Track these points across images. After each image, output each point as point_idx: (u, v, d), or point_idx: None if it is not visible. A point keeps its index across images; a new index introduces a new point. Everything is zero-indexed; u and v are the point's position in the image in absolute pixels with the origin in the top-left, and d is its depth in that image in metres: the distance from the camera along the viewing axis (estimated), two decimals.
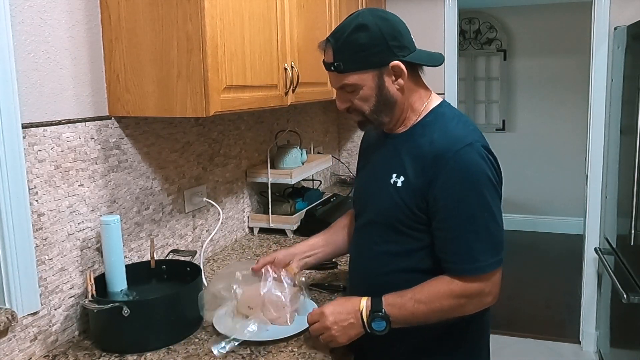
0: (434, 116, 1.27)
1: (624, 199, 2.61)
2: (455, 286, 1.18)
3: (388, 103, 1.24)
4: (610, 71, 2.93)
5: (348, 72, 1.22)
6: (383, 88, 1.22)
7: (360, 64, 1.20)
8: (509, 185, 6.26)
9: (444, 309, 1.19)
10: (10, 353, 1.25)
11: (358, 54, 1.20)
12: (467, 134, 1.21)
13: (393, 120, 1.28)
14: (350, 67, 1.21)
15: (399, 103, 1.25)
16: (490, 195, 1.18)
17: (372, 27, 1.18)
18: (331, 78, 1.27)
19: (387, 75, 1.22)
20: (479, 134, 1.23)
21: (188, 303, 1.40)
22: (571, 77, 5.20)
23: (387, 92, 1.23)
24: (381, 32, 1.19)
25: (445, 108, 1.30)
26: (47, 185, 1.33)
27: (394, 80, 1.23)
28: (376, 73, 1.21)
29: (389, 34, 1.20)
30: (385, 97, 1.23)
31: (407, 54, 1.22)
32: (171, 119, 1.77)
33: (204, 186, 1.98)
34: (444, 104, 1.31)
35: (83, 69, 1.43)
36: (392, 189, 1.24)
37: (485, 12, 5.48)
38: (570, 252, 4.57)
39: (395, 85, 1.23)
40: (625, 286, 2.38)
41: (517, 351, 3.21)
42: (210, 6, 1.37)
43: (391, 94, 1.24)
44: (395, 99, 1.25)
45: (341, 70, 1.22)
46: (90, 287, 1.35)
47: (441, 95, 2.88)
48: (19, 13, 1.24)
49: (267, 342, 1.32)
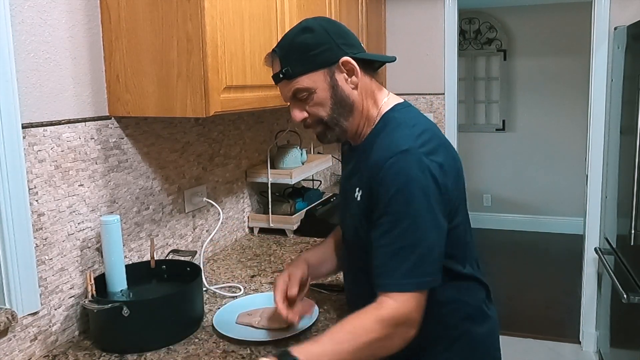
0: (383, 122, 1.21)
1: (624, 199, 2.61)
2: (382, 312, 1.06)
3: (345, 104, 1.18)
4: (610, 71, 2.93)
5: (298, 76, 1.16)
6: (337, 87, 1.17)
7: (309, 65, 1.15)
8: (509, 185, 6.26)
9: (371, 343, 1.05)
10: (10, 353, 1.25)
11: (305, 54, 1.15)
12: (406, 140, 1.12)
13: (353, 125, 1.22)
14: (300, 69, 1.16)
15: (356, 104, 1.20)
16: (421, 208, 1.08)
17: (316, 28, 1.16)
18: (282, 89, 1.21)
19: (339, 72, 1.17)
20: (425, 139, 1.13)
21: (188, 303, 1.40)
22: (571, 77, 5.20)
23: (342, 92, 1.17)
24: (326, 31, 1.16)
25: (397, 112, 1.22)
26: (47, 185, 1.33)
27: (347, 79, 1.18)
28: (327, 72, 1.16)
29: (335, 33, 1.17)
30: (340, 97, 1.18)
31: (357, 51, 1.18)
32: (171, 119, 1.77)
33: (204, 186, 1.98)
34: (396, 108, 1.23)
35: (83, 69, 1.43)
36: (355, 206, 1.19)
37: (485, 12, 5.48)
38: (570, 252, 4.57)
39: (350, 84, 1.18)
40: (625, 286, 2.38)
41: (517, 351, 3.21)
42: (210, 6, 1.37)
43: (346, 94, 1.18)
44: (352, 99, 1.19)
45: (290, 76, 1.16)
46: (90, 287, 1.35)
47: (441, 95, 2.86)
48: (19, 13, 1.24)
49: (267, 341, 1.33)
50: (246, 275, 1.84)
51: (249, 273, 1.86)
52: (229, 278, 1.81)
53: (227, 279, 1.80)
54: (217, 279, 1.80)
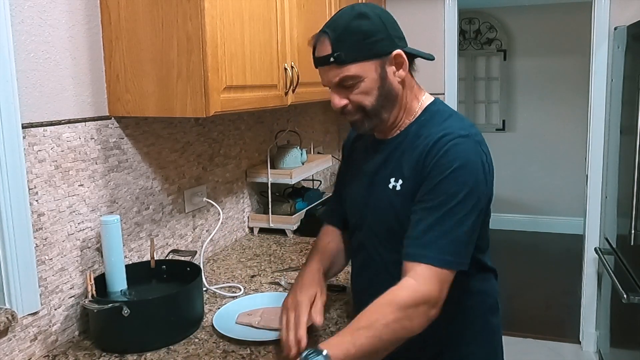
0: (429, 115, 1.23)
1: (624, 199, 2.61)
2: (402, 292, 1.06)
3: (390, 96, 1.19)
4: (610, 71, 2.93)
5: (349, 63, 1.13)
6: (386, 79, 1.17)
7: (363, 53, 1.13)
8: (509, 185, 6.24)
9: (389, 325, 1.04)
10: (10, 353, 1.25)
11: (361, 42, 1.13)
12: (463, 127, 1.16)
13: (391, 118, 1.23)
14: (353, 56, 1.13)
15: (399, 98, 1.21)
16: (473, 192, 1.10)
17: (372, 16, 1.14)
18: (327, 73, 1.18)
19: (389, 65, 1.17)
20: (476, 130, 1.19)
21: (188, 303, 1.40)
22: (571, 77, 5.20)
23: (390, 85, 1.17)
24: (382, 21, 1.15)
25: (440, 105, 1.26)
26: (47, 185, 1.33)
27: (395, 72, 1.18)
28: (379, 63, 1.15)
29: (390, 23, 1.17)
30: (388, 89, 1.17)
31: (405, 45, 1.20)
32: (171, 119, 1.77)
33: (204, 186, 1.98)
34: (437, 102, 1.27)
35: (83, 69, 1.43)
36: (391, 195, 1.19)
37: (485, 12, 5.48)
38: (570, 252, 4.57)
39: (397, 77, 1.19)
40: (625, 286, 2.38)
41: (517, 351, 3.21)
42: (210, 6, 1.37)
43: (393, 87, 1.18)
44: (397, 92, 1.20)
45: (342, 61, 1.13)
46: (90, 287, 1.35)
47: (441, 95, 2.86)
48: (19, 13, 1.24)
49: (267, 342, 1.32)
50: (246, 275, 1.84)
51: (249, 273, 1.86)
52: (229, 278, 1.81)
53: (227, 279, 1.80)
54: (217, 279, 1.80)
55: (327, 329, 1.40)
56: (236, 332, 1.36)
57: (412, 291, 1.06)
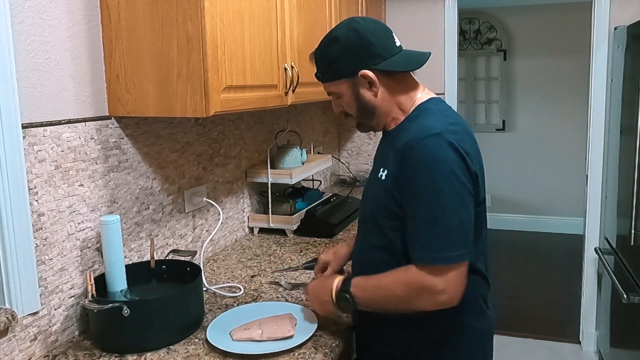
0: (418, 111, 1.29)
1: (624, 199, 2.61)
2: (410, 275, 1.17)
3: (367, 109, 1.30)
4: (610, 71, 2.93)
5: (327, 82, 1.31)
6: (359, 96, 1.28)
7: (334, 75, 1.29)
8: (509, 185, 6.25)
9: (400, 298, 1.19)
10: (10, 353, 1.25)
11: (331, 65, 1.28)
12: (438, 125, 1.20)
13: (380, 122, 1.33)
14: (327, 77, 1.31)
15: (378, 108, 1.30)
16: (450, 186, 1.14)
17: (342, 39, 1.25)
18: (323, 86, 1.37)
19: (361, 84, 1.27)
20: (455, 127, 1.21)
21: (188, 303, 1.40)
22: (571, 77, 5.20)
23: (364, 100, 1.29)
24: (350, 43, 1.24)
25: (432, 104, 1.30)
26: (47, 185, 1.33)
27: (369, 88, 1.27)
28: (349, 83, 1.28)
29: (358, 45, 1.24)
30: (362, 104, 1.29)
31: (380, 61, 1.25)
32: (171, 119, 1.77)
33: (204, 186, 1.98)
34: (432, 101, 1.31)
35: (83, 69, 1.43)
36: (379, 184, 1.28)
37: (485, 12, 5.48)
38: (570, 252, 4.57)
39: (371, 92, 1.28)
40: (625, 286, 2.38)
41: (517, 351, 3.21)
42: (210, 6, 1.37)
43: (367, 101, 1.29)
44: (373, 105, 1.29)
45: (322, 80, 1.33)
46: (90, 287, 1.34)
47: (441, 95, 2.86)
48: (19, 13, 1.24)
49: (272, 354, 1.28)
50: (246, 275, 1.84)
51: (249, 273, 1.86)
52: (229, 278, 1.81)
53: (227, 279, 1.80)
54: (217, 279, 1.80)
55: (327, 328, 1.40)
56: (238, 348, 1.29)
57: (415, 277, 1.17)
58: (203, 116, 1.40)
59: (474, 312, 1.30)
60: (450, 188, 1.14)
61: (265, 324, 1.36)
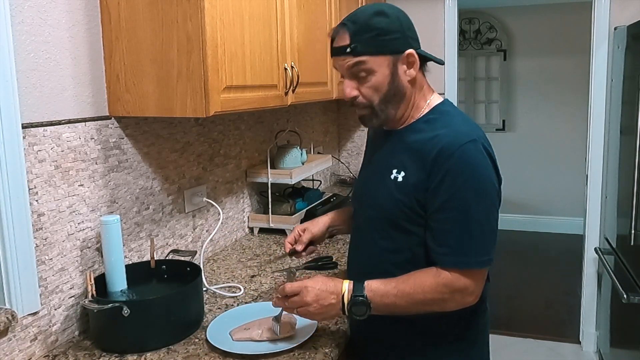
0: (438, 113, 1.28)
1: (624, 199, 2.61)
2: (441, 279, 1.17)
3: (398, 93, 1.24)
4: (610, 71, 2.93)
5: (364, 55, 1.20)
6: (396, 76, 1.23)
7: (378, 48, 1.20)
8: (509, 185, 6.27)
9: (427, 302, 1.18)
10: (10, 353, 1.25)
11: (378, 37, 1.20)
12: (471, 130, 1.21)
13: (398, 114, 1.28)
14: (368, 49, 1.20)
15: (407, 96, 1.26)
16: (488, 194, 1.19)
17: (391, 14, 1.21)
18: (340, 62, 1.24)
19: (401, 63, 1.22)
20: (482, 133, 1.24)
21: (188, 303, 1.40)
22: (571, 77, 5.20)
23: (399, 82, 1.23)
24: (399, 20, 1.22)
25: (448, 106, 1.31)
26: (47, 185, 1.33)
27: (406, 71, 1.23)
28: (391, 59, 1.21)
29: (406, 24, 1.24)
30: (396, 86, 1.23)
31: (419, 47, 1.26)
32: (171, 119, 1.77)
33: (204, 186, 1.98)
34: (446, 103, 1.32)
35: (83, 69, 1.43)
36: (392, 185, 1.24)
37: (485, 12, 5.48)
38: (570, 252, 4.57)
39: (407, 76, 1.24)
40: (625, 286, 2.38)
41: (517, 351, 3.21)
42: (210, 6, 1.37)
43: (402, 84, 1.24)
44: (405, 91, 1.25)
45: (357, 52, 1.20)
46: (90, 287, 1.34)
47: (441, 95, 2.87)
48: (19, 13, 1.24)
49: (272, 353, 1.28)
50: (246, 275, 1.84)
51: (249, 273, 1.86)
52: (229, 278, 1.81)
53: (227, 279, 1.80)
54: (217, 279, 1.80)
55: (327, 328, 1.40)
56: (238, 349, 1.29)
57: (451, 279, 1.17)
58: (203, 116, 1.40)
59: (479, 308, 1.31)
60: (487, 195, 1.18)
61: (265, 324, 1.36)
